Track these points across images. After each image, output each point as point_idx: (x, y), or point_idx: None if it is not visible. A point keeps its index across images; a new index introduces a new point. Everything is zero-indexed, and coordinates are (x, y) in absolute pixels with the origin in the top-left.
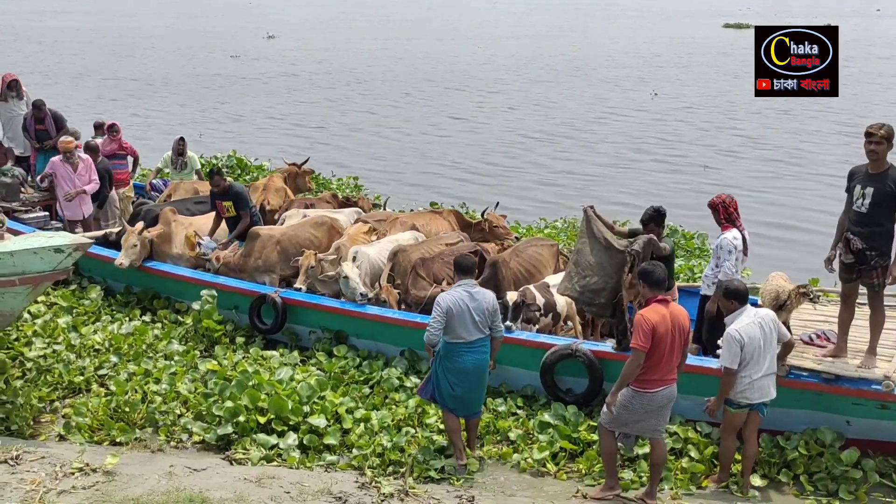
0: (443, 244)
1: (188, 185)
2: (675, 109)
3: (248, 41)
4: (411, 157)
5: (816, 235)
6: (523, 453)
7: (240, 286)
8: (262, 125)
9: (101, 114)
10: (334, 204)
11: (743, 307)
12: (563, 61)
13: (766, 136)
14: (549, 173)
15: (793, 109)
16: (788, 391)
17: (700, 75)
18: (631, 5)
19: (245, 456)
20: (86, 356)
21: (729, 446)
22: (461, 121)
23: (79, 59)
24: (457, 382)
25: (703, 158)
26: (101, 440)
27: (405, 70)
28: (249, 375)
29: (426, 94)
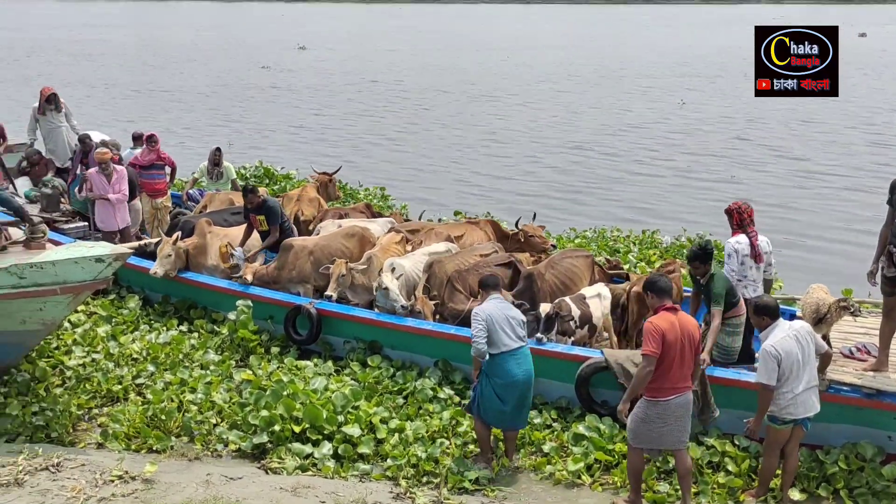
0: (477, 255)
1: (224, 196)
2: (703, 118)
3: (279, 53)
4: (438, 166)
5: (848, 245)
6: (557, 465)
7: (275, 297)
8: (289, 135)
9: (130, 123)
10: (368, 214)
11: (775, 322)
12: (592, 71)
13: (793, 146)
14: (574, 182)
15: (825, 120)
16: (829, 406)
17: (730, 84)
18: (663, 14)
19: (280, 465)
20: (124, 365)
21: (771, 463)
22: (488, 131)
23: (114, 71)
24: (507, 397)
25: (731, 168)
26: (138, 448)
27: (433, 80)
28: (285, 385)
29: (454, 105)
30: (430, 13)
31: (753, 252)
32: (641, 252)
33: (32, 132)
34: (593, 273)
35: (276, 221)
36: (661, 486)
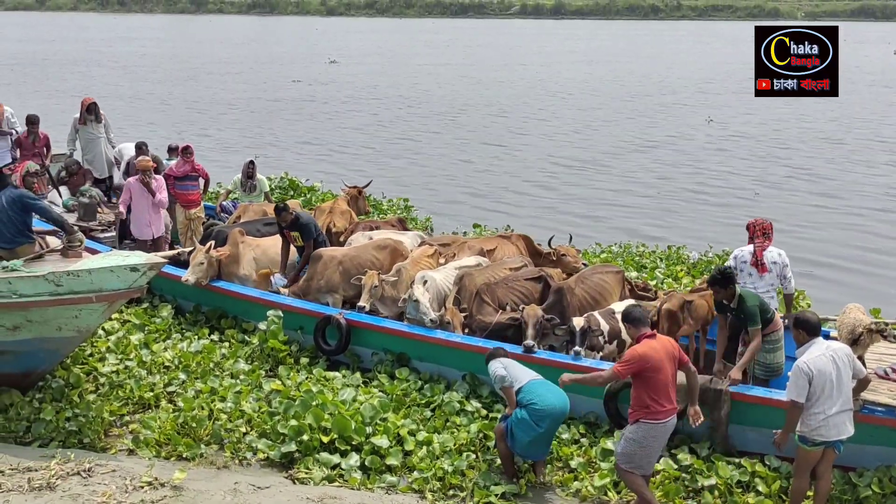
0: (506, 269)
1: (257, 207)
2: (731, 135)
3: (311, 66)
4: (462, 180)
5: (875, 266)
6: (584, 481)
7: (305, 307)
8: (316, 147)
9: (163, 136)
10: (399, 228)
11: (813, 339)
12: (620, 86)
13: (817, 165)
14: (597, 197)
15: (843, 139)
16: (862, 427)
17: (759, 101)
18: (693, 30)
19: (308, 475)
20: (156, 373)
21: (802, 485)
22: (514, 145)
23: (148, 84)
24: (542, 420)
25: (755, 185)
26: (168, 455)
27: (461, 94)
28: (314, 395)
29: (480, 119)
30: (462, 27)
31: (754, 261)
32: (668, 268)
33: (72, 142)
34: (623, 289)
35: (311, 237)
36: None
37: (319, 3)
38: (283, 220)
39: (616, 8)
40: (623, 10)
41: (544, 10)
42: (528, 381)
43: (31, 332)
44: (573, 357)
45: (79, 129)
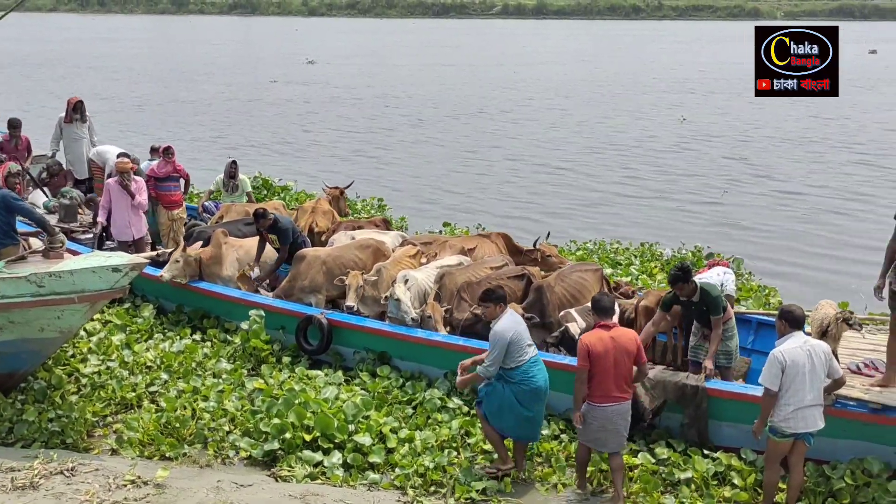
0: (488, 268)
1: (239, 208)
2: (702, 135)
3: (288, 67)
4: (434, 179)
5: (844, 262)
6: (563, 476)
7: (286, 307)
8: (290, 146)
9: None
10: (382, 228)
11: (794, 331)
12: (598, 86)
13: (784, 165)
14: (569, 196)
15: (813, 139)
16: (835, 421)
17: (733, 101)
18: (674, 30)
19: (290, 473)
20: (138, 373)
21: (772, 476)
22: (490, 145)
23: (127, 84)
24: (531, 403)
25: (725, 184)
26: (152, 455)
27: (435, 95)
28: (296, 393)
29: (453, 119)
30: (443, 28)
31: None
32: (643, 265)
33: (56, 142)
34: (602, 286)
35: (288, 241)
36: (666, 500)
37: (301, 4)
38: (261, 227)
39: (598, 8)
40: (605, 10)
41: (526, 10)
42: (523, 363)
43: (14, 334)
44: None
45: (63, 129)
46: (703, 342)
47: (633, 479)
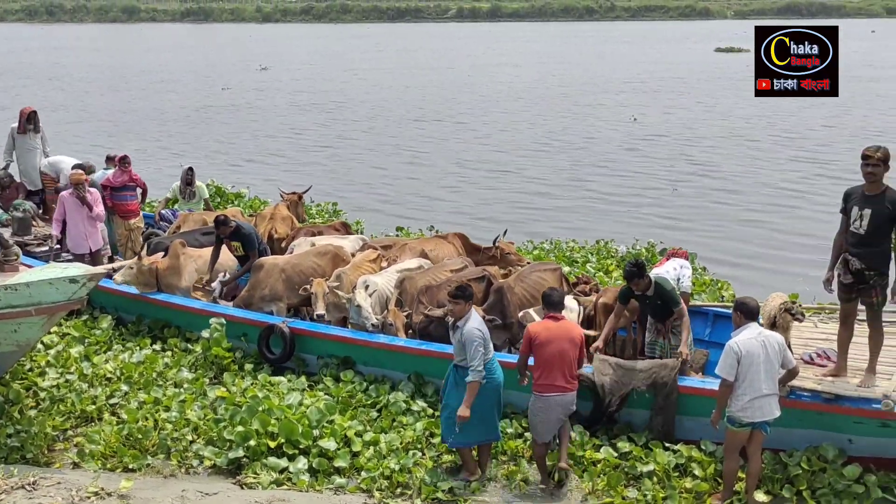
0: (448, 270)
1: (196, 217)
2: (653, 134)
3: (241, 73)
4: (386, 183)
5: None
6: (527, 472)
7: (248, 317)
8: (243, 154)
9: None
10: (342, 232)
11: (749, 322)
12: (549, 88)
13: (731, 163)
14: (524, 196)
15: (759, 137)
16: (790, 411)
17: (683, 100)
18: (627, 30)
19: (256, 480)
20: (98, 385)
21: (732, 466)
22: (439, 148)
23: (78, 94)
24: (493, 399)
25: (675, 181)
26: (114, 467)
27: (386, 99)
28: (259, 400)
29: (404, 123)
30: (398, 32)
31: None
32: (599, 262)
33: (9, 153)
34: (562, 285)
35: (253, 247)
36: (629, 493)
37: (255, 10)
38: (222, 234)
39: (551, 10)
40: (558, 12)
41: (480, 13)
42: (488, 359)
43: None
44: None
45: (16, 140)
46: (658, 337)
47: (597, 474)
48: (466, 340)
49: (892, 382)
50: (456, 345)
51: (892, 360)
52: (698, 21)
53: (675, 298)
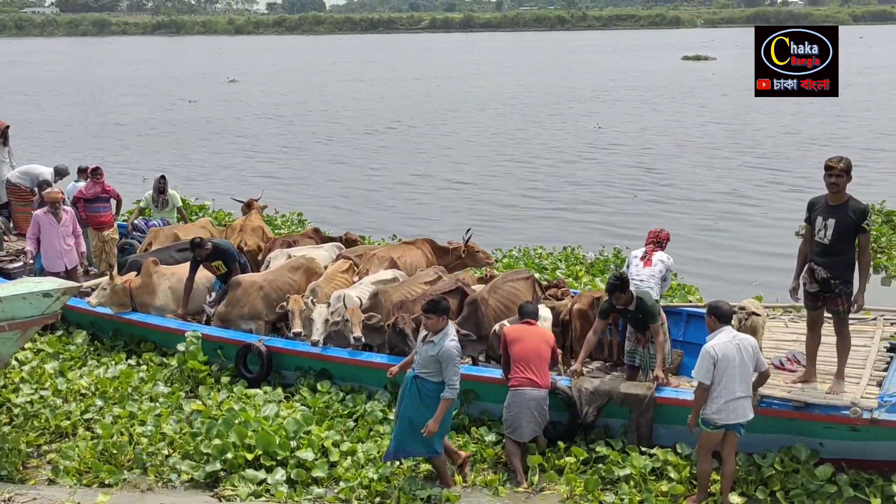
0: (422, 283)
1: (168, 231)
2: (615, 142)
3: (209, 86)
4: (348, 192)
5: (743, 257)
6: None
7: (224, 335)
8: (207, 166)
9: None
10: (316, 240)
11: (723, 326)
12: (516, 98)
13: (692, 169)
14: (485, 206)
15: (720, 144)
16: (762, 418)
17: (648, 107)
18: (598, 40)
19: (233, 492)
20: (72, 400)
21: (705, 467)
22: (404, 159)
23: (44, 108)
24: (450, 415)
25: (635, 187)
26: (90, 483)
27: (352, 110)
28: (236, 413)
29: (367, 134)
30: (370, 43)
31: (643, 255)
32: (569, 268)
33: None
34: (535, 294)
35: (234, 260)
36: (606, 497)
37: (227, 23)
38: (199, 256)
39: (523, 20)
40: (531, 22)
41: (453, 23)
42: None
43: None
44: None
45: None
46: (637, 346)
47: (573, 479)
48: (444, 357)
49: (860, 388)
50: (425, 358)
51: (861, 360)
52: (668, 30)
53: (655, 314)
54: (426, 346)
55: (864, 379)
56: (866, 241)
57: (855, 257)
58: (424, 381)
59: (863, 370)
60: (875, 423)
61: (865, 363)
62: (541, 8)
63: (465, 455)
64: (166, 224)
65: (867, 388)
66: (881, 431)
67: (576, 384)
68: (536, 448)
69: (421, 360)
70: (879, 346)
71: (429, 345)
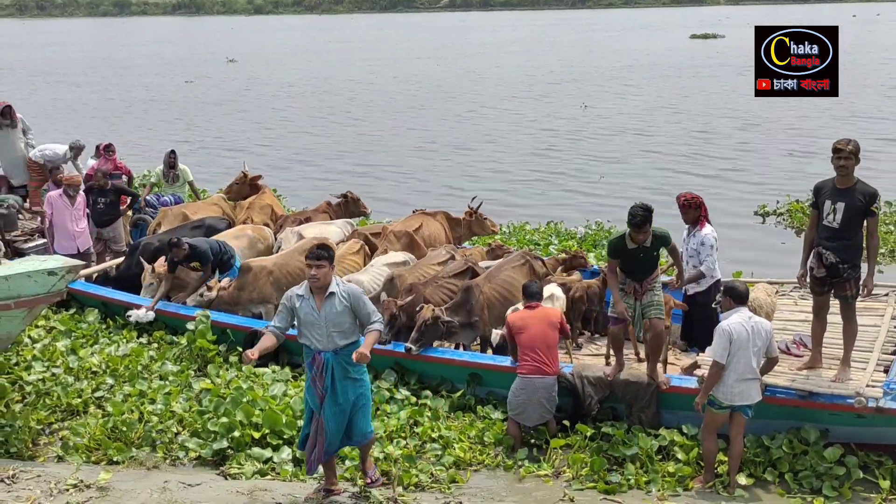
0: (434, 264)
1: (177, 211)
2: (598, 119)
3: (209, 66)
4: (350, 171)
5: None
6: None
7: (232, 321)
8: (201, 145)
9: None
10: (330, 214)
11: (739, 306)
12: (513, 76)
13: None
14: (471, 182)
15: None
16: (768, 406)
17: (642, 86)
18: (614, 18)
19: (239, 470)
20: (83, 378)
21: (710, 446)
22: (401, 136)
23: (50, 87)
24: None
25: (603, 168)
26: (99, 460)
27: (350, 89)
28: (244, 391)
29: (366, 111)
30: (388, 22)
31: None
32: (561, 243)
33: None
34: (533, 277)
35: (208, 261)
36: (612, 477)
37: (246, 2)
38: (175, 256)
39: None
40: (551, 0)
41: (472, 2)
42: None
43: None
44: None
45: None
46: (630, 297)
47: (579, 459)
48: (354, 299)
49: (867, 374)
50: (334, 316)
51: (869, 342)
52: (690, 7)
53: (668, 236)
54: (327, 304)
55: (871, 364)
56: (875, 223)
57: (861, 241)
58: (345, 348)
59: (870, 353)
60: (881, 411)
61: (874, 345)
62: None
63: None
64: (178, 199)
65: (874, 374)
66: (888, 418)
67: (577, 372)
68: (546, 432)
69: (330, 325)
70: (889, 325)
71: (328, 301)
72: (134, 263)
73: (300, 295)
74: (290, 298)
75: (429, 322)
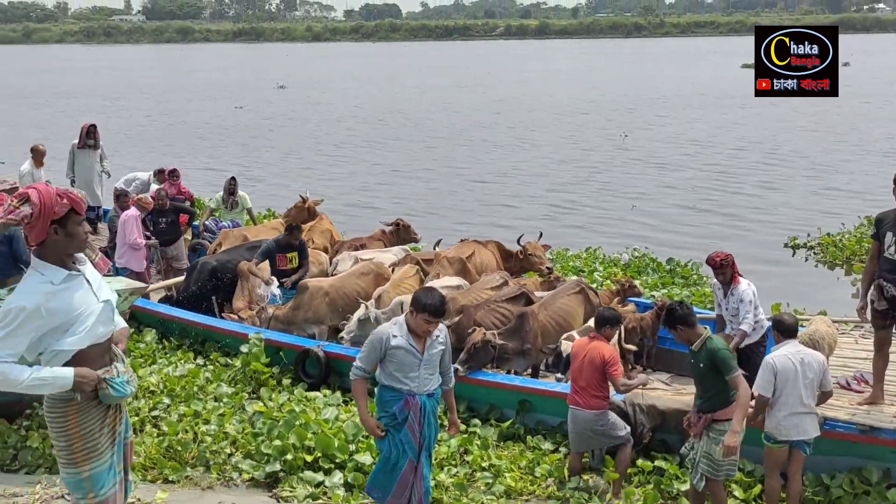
0: (488, 289)
1: (237, 233)
2: (637, 151)
3: (258, 91)
4: (395, 198)
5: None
6: None
7: (283, 340)
8: (247, 171)
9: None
10: (385, 242)
11: (787, 340)
12: (556, 104)
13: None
14: (512, 208)
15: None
16: (827, 441)
17: (686, 116)
18: (669, 47)
19: (292, 493)
20: (141, 397)
21: (774, 484)
22: (445, 164)
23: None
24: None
25: (634, 197)
26: (155, 479)
27: (396, 117)
28: (296, 415)
29: (417, 139)
30: (444, 50)
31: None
32: (606, 270)
33: (71, 169)
34: (586, 307)
35: (307, 257)
36: None
37: (305, 30)
38: (295, 239)
39: (599, 26)
40: (606, 29)
41: (529, 30)
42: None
43: None
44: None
45: (76, 155)
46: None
47: (633, 494)
48: (447, 346)
49: None
50: (431, 359)
51: None
52: (749, 36)
53: (728, 364)
54: (430, 345)
55: None
56: None
57: None
58: (436, 391)
59: None
60: None
61: None
62: (617, 15)
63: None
64: (236, 225)
65: None
66: None
67: (629, 399)
68: (590, 462)
69: (428, 367)
70: None
71: (433, 342)
72: (192, 282)
73: (395, 335)
74: (383, 341)
75: (478, 345)
